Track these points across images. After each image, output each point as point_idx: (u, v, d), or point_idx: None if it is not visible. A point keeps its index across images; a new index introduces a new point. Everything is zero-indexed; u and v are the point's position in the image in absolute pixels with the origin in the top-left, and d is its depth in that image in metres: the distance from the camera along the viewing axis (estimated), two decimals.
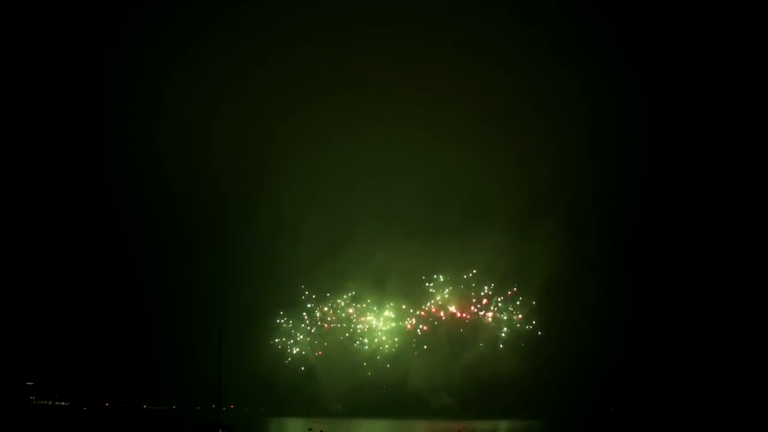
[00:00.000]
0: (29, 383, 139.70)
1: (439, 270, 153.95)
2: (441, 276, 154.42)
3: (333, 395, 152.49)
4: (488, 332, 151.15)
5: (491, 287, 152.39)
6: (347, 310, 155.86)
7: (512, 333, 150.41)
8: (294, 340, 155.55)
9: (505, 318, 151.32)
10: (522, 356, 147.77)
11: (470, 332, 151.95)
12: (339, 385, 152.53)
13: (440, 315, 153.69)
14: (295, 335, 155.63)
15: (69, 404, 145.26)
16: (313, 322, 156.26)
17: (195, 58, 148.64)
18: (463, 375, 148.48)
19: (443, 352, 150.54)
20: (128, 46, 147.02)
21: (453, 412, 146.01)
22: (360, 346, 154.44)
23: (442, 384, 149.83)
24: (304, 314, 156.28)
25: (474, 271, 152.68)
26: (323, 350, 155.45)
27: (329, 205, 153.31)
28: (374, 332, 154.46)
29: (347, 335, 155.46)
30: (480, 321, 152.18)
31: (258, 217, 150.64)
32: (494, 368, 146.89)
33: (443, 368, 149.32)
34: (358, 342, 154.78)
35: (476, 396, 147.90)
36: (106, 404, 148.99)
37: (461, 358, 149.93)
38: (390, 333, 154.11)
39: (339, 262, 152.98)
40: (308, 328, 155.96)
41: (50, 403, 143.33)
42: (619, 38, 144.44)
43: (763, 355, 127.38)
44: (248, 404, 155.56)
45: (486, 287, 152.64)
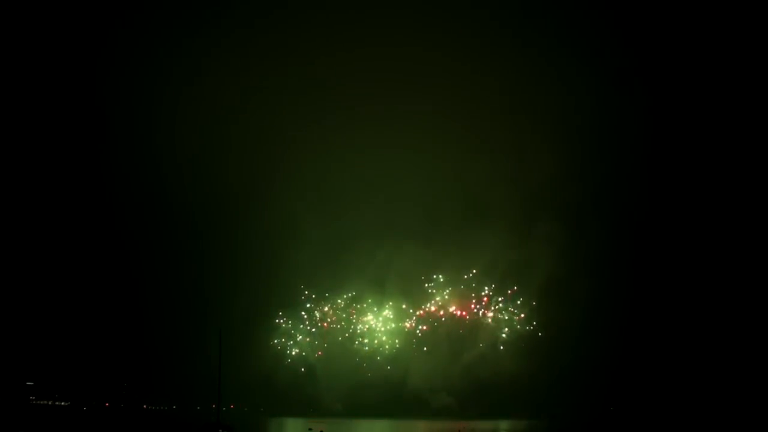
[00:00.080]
0: (29, 383, 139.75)
1: (439, 270, 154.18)
2: (441, 276, 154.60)
3: (333, 395, 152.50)
4: (488, 332, 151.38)
5: (491, 287, 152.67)
6: (347, 310, 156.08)
7: (512, 333, 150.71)
8: (294, 341, 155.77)
9: (506, 318, 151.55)
10: (522, 356, 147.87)
11: (470, 332, 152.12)
12: (339, 385, 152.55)
13: (440, 315, 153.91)
14: (295, 335, 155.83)
15: (69, 404, 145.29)
16: (313, 323, 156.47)
17: (199, 62, 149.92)
18: (463, 375, 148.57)
19: (443, 352, 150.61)
20: (144, 50, 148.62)
21: (453, 412, 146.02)
22: (360, 346, 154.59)
23: (442, 384, 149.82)
24: (304, 314, 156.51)
25: (474, 271, 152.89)
26: (323, 350, 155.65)
27: (329, 206, 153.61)
28: (374, 332, 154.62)
29: (347, 335, 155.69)
30: (480, 321, 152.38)
31: (258, 218, 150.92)
32: (494, 368, 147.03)
33: (443, 368, 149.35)
34: (358, 342, 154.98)
35: (476, 396, 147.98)
36: (106, 404, 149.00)
37: (461, 358, 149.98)
38: (390, 333, 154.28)
39: (339, 263, 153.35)
40: (308, 329, 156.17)
41: (50, 403, 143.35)
42: (619, 39, 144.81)
43: (760, 353, 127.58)
44: (248, 404, 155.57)
45: (486, 287, 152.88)
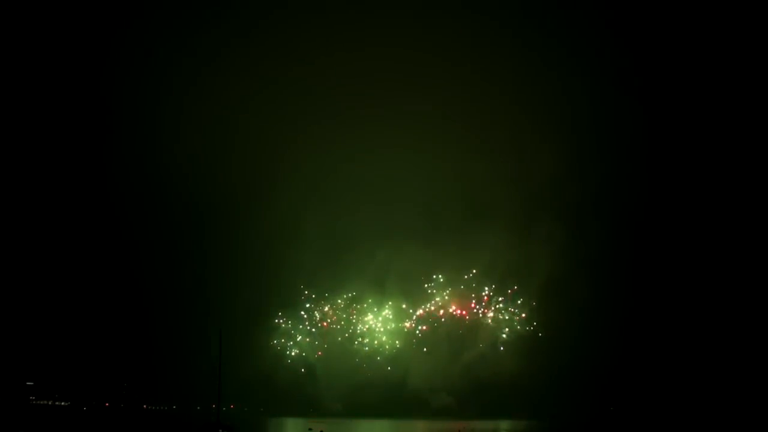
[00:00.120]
0: (29, 383, 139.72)
1: (439, 270, 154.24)
2: (441, 276, 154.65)
3: (333, 395, 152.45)
4: (488, 332, 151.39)
5: (491, 287, 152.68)
6: (347, 311, 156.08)
7: (512, 333, 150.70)
8: (294, 341, 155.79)
9: (506, 318, 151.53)
10: (522, 356, 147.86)
11: (470, 332, 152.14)
12: (339, 385, 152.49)
13: (440, 315, 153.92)
14: (295, 335, 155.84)
15: (69, 404, 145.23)
16: (313, 323, 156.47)
17: (201, 63, 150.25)
18: (463, 375, 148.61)
19: (443, 352, 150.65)
20: (148, 51, 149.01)
21: (453, 412, 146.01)
22: (360, 347, 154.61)
23: (442, 384, 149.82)
24: (304, 314, 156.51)
25: (474, 272, 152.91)
26: (323, 350, 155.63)
27: (329, 206, 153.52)
28: (374, 332, 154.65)
29: (347, 335, 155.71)
30: (480, 321, 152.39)
31: (258, 218, 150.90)
32: (494, 368, 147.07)
33: (443, 368, 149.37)
34: (358, 342, 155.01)
35: (476, 396, 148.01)
36: (106, 404, 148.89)
37: (461, 358, 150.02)
38: (390, 333, 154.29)
39: (339, 263, 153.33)
40: (308, 329, 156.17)
41: (50, 403, 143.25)
42: (618, 39, 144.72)
43: (759, 353, 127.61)
44: (248, 404, 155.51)
45: (486, 287, 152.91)
